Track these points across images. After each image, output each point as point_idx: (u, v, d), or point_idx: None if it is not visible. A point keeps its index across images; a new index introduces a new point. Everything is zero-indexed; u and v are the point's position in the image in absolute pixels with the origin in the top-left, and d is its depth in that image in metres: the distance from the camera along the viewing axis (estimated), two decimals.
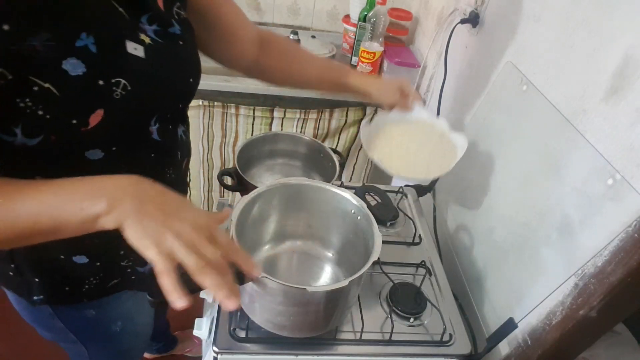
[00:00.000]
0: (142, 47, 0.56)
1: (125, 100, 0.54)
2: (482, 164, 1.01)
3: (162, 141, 0.66)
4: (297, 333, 0.74)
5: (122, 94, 0.54)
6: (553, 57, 0.81)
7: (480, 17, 1.10)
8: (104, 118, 0.53)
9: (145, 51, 0.56)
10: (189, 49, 0.66)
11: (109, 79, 0.52)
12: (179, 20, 0.65)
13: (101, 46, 0.51)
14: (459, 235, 1.05)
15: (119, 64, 0.54)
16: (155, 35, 0.59)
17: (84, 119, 0.52)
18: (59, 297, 0.71)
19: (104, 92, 0.52)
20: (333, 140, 1.57)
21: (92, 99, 0.52)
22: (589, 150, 0.68)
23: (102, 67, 0.52)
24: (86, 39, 0.50)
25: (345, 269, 0.83)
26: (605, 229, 0.63)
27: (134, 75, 0.55)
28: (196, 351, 1.59)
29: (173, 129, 0.69)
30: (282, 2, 1.69)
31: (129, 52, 0.55)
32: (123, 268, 0.74)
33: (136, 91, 0.55)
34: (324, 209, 0.81)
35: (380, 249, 0.69)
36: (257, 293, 0.66)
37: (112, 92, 0.53)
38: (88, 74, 0.50)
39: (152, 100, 0.61)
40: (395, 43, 1.60)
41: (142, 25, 0.58)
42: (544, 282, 0.74)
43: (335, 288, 0.63)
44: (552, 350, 0.72)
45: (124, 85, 0.54)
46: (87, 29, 0.50)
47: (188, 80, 0.66)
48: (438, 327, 0.82)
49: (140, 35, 0.57)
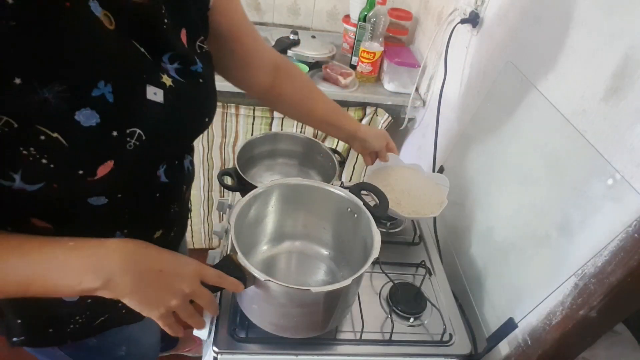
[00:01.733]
0: (162, 90, 0.53)
1: (139, 150, 0.51)
2: (482, 163, 1.01)
3: (169, 182, 0.63)
4: (298, 334, 0.74)
5: (136, 145, 0.50)
6: (553, 57, 0.81)
7: (480, 17, 1.10)
8: (114, 169, 0.50)
9: (164, 95, 0.53)
10: (208, 87, 0.62)
11: (124, 129, 0.49)
12: (201, 54, 0.62)
13: (119, 95, 0.47)
14: (459, 235, 1.05)
15: (137, 113, 0.50)
16: (177, 74, 0.56)
17: (92, 169, 0.48)
18: (40, 338, 0.67)
19: (116, 144, 0.48)
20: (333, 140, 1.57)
21: (103, 151, 0.48)
22: (589, 150, 0.68)
23: (118, 118, 0.48)
24: (104, 87, 0.46)
25: (344, 268, 0.83)
26: (605, 229, 0.63)
27: (150, 124, 0.51)
28: (196, 351, 1.59)
29: (180, 164, 0.67)
30: (282, 2, 1.69)
31: (148, 99, 0.51)
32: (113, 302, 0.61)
33: (151, 140, 0.52)
34: (321, 208, 0.81)
35: (380, 246, 0.68)
36: (259, 296, 0.66)
37: (126, 143, 0.49)
38: (102, 125, 0.46)
39: (166, 146, 0.58)
40: (395, 43, 1.60)
41: (164, 65, 0.55)
42: (544, 282, 0.74)
43: (338, 288, 0.63)
44: (552, 350, 0.72)
45: (138, 135, 0.50)
46: (105, 77, 0.46)
47: (204, 120, 0.64)
48: (438, 327, 0.82)
49: (162, 77, 0.53)
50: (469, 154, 1.08)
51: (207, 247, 1.86)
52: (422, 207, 0.97)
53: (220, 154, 1.57)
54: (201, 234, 1.81)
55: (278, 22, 1.74)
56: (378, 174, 1.03)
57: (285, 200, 0.80)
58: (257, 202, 0.76)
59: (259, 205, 0.77)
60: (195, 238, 1.82)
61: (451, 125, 1.23)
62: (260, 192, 0.75)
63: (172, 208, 0.69)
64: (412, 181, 1.01)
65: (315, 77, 1.49)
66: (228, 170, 0.97)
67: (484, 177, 0.99)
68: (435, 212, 0.96)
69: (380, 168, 1.04)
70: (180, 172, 0.68)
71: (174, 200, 0.69)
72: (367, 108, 1.48)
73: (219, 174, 0.97)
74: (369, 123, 1.52)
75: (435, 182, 1.03)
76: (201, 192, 1.67)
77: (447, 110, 1.24)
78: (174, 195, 0.69)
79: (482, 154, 1.02)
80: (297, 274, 0.85)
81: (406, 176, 1.02)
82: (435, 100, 1.28)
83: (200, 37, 0.63)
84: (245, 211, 0.73)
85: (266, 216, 0.81)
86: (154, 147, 0.53)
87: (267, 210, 0.80)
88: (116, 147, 0.49)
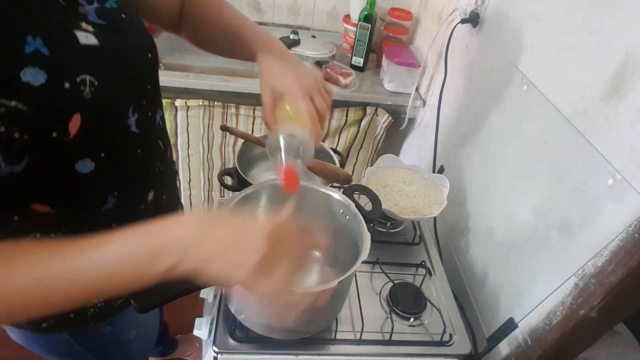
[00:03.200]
0: (92, 34, 0.52)
1: (97, 96, 0.51)
2: (482, 163, 1.01)
3: (141, 133, 0.62)
4: (286, 335, 0.74)
5: (92, 91, 0.50)
6: (553, 57, 0.81)
7: (481, 17, 1.10)
8: (83, 122, 0.50)
9: (97, 37, 0.52)
10: (132, 22, 0.60)
11: (73, 78, 0.48)
12: None
13: (53, 46, 0.46)
14: (459, 235, 1.05)
15: (78, 60, 0.49)
16: (97, 17, 0.54)
17: (63, 128, 0.48)
18: (63, 323, 0.68)
19: (73, 95, 0.48)
20: (333, 140, 1.57)
21: (64, 106, 0.48)
22: (589, 150, 0.68)
23: (62, 69, 0.47)
24: (34, 42, 0.45)
25: (336, 269, 0.83)
26: (605, 229, 0.63)
27: (96, 68, 0.51)
28: (196, 355, 1.58)
29: (152, 116, 0.66)
30: (282, 2, 1.69)
31: (83, 44, 0.50)
32: None
33: (104, 84, 0.52)
34: (312, 208, 0.81)
35: (369, 248, 0.68)
36: (245, 296, 0.66)
37: (82, 92, 0.49)
38: (51, 80, 0.46)
39: (121, 88, 0.57)
40: (395, 43, 1.60)
41: (82, 8, 0.53)
42: (544, 282, 0.74)
43: (325, 289, 0.62)
44: (552, 350, 0.72)
45: (90, 82, 0.50)
46: (31, 31, 0.45)
47: (147, 56, 0.63)
48: (438, 327, 0.82)
49: (82, 24, 0.52)
50: (469, 153, 1.08)
51: None
52: (422, 207, 0.97)
53: (220, 154, 1.57)
54: None
55: (278, 22, 1.74)
56: (377, 174, 1.03)
57: (276, 201, 0.79)
58: (248, 202, 0.76)
59: (250, 206, 0.77)
60: None
61: (451, 125, 1.23)
62: (250, 192, 0.75)
63: (157, 167, 0.69)
64: (411, 181, 1.01)
65: None
66: (228, 170, 0.97)
67: (484, 177, 0.99)
68: (435, 212, 0.96)
69: (379, 168, 1.04)
70: (152, 124, 0.66)
71: (156, 157, 0.69)
72: (367, 108, 1.48)
73: (219, 174, 0.97)
74: (369, 123, 1.52)
75: (435, 182, 1.03)
76: (201, 192, 1.67)
77: (447, 110, 1.24)
78: (153, 151, 0.68)
79: (482, 153, 1.02)
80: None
81: (405, 176, 1.02)
82: (435, 100, 1.28)
83: None
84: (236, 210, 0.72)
85: (258, 216, 0.81)
86: (110, 91, 0.53)
87: (258, 210, 0.80)
88: (75, 99, 0.49)
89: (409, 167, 1.06)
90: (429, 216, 0.97)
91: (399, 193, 0.98)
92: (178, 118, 1.41)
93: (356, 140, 1.59)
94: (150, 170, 0.68)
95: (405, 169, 1.05)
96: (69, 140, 0.49)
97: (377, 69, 1.62)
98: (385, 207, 0.94)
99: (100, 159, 0.56)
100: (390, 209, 0.94)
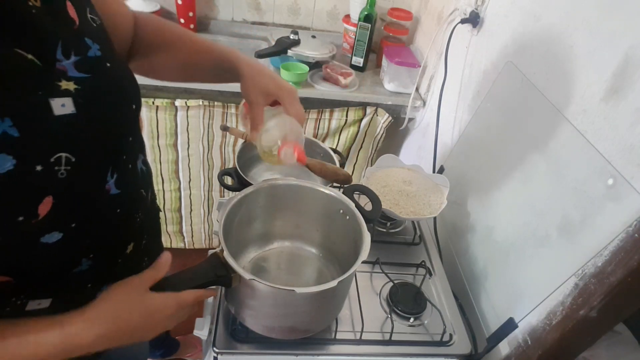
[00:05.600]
0: (69, 98, 0.45)
1: (73, 174, 0.45)
2: (482, 163, 1.01)
3: (122, 192, 0.56)
4: (286, 335, 0.74)
5: (68, 170, 0.44)
6: (553, 57, 0.81)
7: (481, 17, 1.10)
8: (55, 203, 0.44)
9: (74, 102, 0.45)
10: (118, 70, 0.54)
11: (46, 159, 0.42)
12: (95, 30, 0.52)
13: (22, 125, 0.40)
14: (459, 235, 1.05)
15: (53, 136, 0.43)
16: (78, 71, 0.47)
17: (32, 212, 0.43)
18: None
19: (46, 178, 0.43)
20: (333, 140, 1.57)
21: (34, 190, 0.42)
22: (589, 150, 0.68)
23: (34, 150, 0.41)
24: (2, 123, 0.39)
25: (335, 269, 0.83)
26: (605, 229, 0.63)
27: (72, 142, 0.45)
28: (197, 355, 1.58)
29: (133, 168, 0.60)
30: (282, 2, 1.69)
31: (58, 115, 0.44)
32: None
33: (82, 158, 0.46)
34: (311, 208, 0.81)
35: (369, 249, 0.68)
36: (246, 296, 0.66)
37: (56, 173, 0.43)
38: (20, 165, 0.40)
39: (100, 156, 0.51)
40: (395, 43, 1.60)
41: (60, 64, 0.45)
42: (544, 282, 0.74)
43: (324, 289, 0.62)
44: (552, 350, 0.72)
45: (66, 160, 0.44)
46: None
47: (131, 109, 0.57)
48: (438, 327, 0.82)
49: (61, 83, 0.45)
50: (469, 154, 1.08)
51: (207, 247, 1.86)
52: (422, 207, 0.97)
53: (220, 154, 1.57)
54: (201, 234, 1.81)
55: (278, 22, 1.74)
56: (377, 174, 1.03)
57: (276, 201, 0.80)
58: (247, 202, 0.76)
59: (249, 205, 0.77)
60: (195, 238, 1.82)
61: (451, 125, 1.23)
62: (250, 192, 0.75)
63: (138, 217, 0.63)
64: (411, 181, 1.01)
65: (315, 77, 1.49)
66: (228, 170, 0.97)
67: (484, 177, 0.99)
68: (435, 212, 0.96)
69: (379, 168, 1.04)
70: (134, 176, 0.60)
71: (137, 210, 0.62)
72: (367, 108, 1.48)
73: (219, 174, 0.97)
74: (369, 123, 1.52)
75: (435, 182, 1.03)
76: (201, 192, 1.67)
77: (447, 110, 1.24)
78: (134, 204, 0.62)
79: (482, 153, 1.02)
80: (287, 274, 0.85)
81: (405, 176, 1.02)
82: (435, 100, 1.28)
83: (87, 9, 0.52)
84: (235, 211, 0.72)
85: (257, 216, 0.81)
86: (87, 165, 0.48)
87: (258, 210, 0.80)
88: (47, 182, 0.43)
89: (409, 167, 1.06)
90: (429, 216, 0.96)
91: (399, 193, 0.98)
92: (178, 118, 1.41)
93: (356, 140, 1.59)
94: (129, 224, 0.62)
95: (405, 169, 1.05)
96: (37, 222, 0.44)
97: (377, 69, 1.62)
98: (385, 207, 0.94)
99: (70, 230, 0.49)
100: (390, 209, 0.94)
